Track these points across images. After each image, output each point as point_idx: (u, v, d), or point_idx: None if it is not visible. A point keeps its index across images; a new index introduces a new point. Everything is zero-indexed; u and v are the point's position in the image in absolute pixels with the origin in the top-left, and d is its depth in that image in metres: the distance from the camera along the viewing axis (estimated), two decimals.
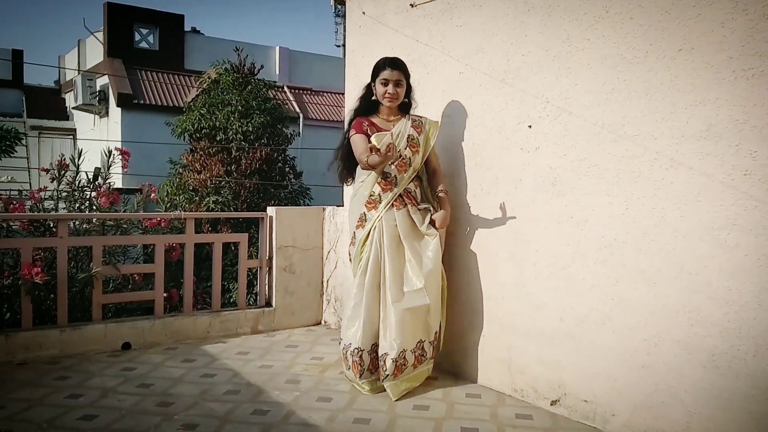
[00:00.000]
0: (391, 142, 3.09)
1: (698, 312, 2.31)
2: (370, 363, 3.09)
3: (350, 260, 3.30)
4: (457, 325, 3.29)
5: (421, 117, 3.31)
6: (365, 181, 3.22)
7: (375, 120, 3.28)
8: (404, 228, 3.14)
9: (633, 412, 2.53)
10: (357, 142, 3.17)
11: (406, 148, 3.19)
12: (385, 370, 2.99)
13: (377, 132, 3.21)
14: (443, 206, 3.21)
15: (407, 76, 3.26)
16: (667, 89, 2.39)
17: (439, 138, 3.47)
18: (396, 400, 2.96)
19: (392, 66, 3.20)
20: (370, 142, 3.15)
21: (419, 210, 3.20)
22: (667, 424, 2.41)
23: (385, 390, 3.03)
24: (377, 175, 3.17)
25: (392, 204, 3.16)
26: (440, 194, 3.23)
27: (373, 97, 3.27)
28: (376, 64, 3.26)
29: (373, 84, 3.26)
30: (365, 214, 3.20)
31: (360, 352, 3.08)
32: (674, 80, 2.37)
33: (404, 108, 3.32)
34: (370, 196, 3.20)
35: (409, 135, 3.21)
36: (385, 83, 3.19)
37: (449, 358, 3.38)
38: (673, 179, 2.38)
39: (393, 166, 3.16)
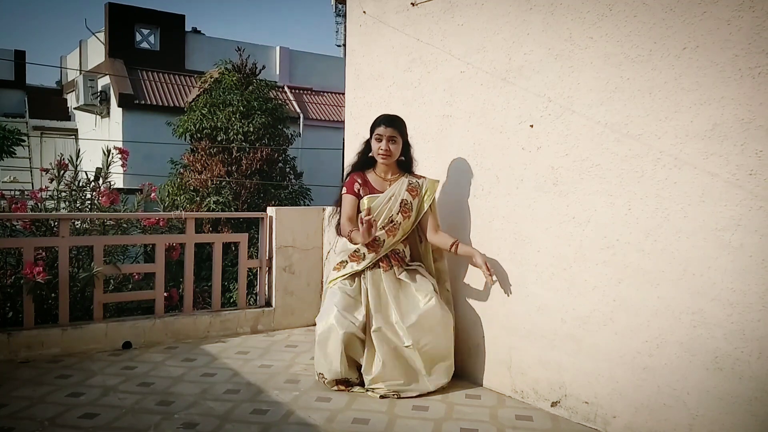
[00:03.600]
0: (370, 217, 2.91)
1: (702, 313, 2.29)
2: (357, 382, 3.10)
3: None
4: (457, 325, 3.26)
5: (420, 178, 3.23)
6: None
7: (371, 177, 3.23)
8: (391, 290, 3.06)
9: (634, 414, 2.51)
10: (345, 203, 3.15)
11: (398, 213, 3.12)
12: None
13: (370, 193, 3.16)
14: (467, 251, 3.07)
15: (403, 133, 3.19)
16: (672, 88, 2.37)
17: (438, 139, 3.46)
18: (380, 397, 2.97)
19: (387, 123, 3.14)
20: (360, 204, 3.12)
21: (406, 270, 3.14)
22: (669, 427, 2.39)
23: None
24: None
25: (377, 264, 3.13)
26: (453, 248, 3.10)
27: (371, 153, 3.22)
28: (374, 120, 3.22)
29: (370, 139, 3.21)
30: (347, 263, 3.17)
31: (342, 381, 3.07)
32: (678, 79, 2.35)
33: (404, 166, 3.25)
34: (355, 251, 3.16)
35: (403, 200, 3.14)
36: (379, 139, 3.14)
37: None
38: (677, 179, 2.36)
39: (383, 230, 3.11)
